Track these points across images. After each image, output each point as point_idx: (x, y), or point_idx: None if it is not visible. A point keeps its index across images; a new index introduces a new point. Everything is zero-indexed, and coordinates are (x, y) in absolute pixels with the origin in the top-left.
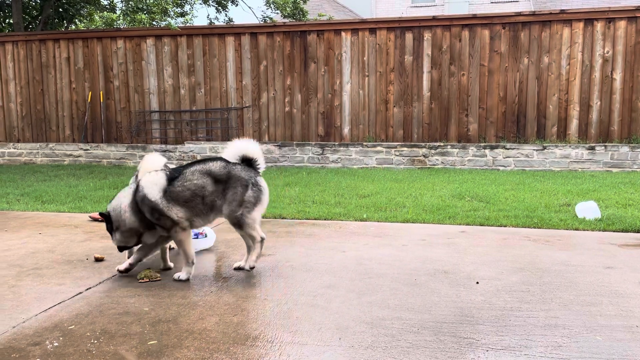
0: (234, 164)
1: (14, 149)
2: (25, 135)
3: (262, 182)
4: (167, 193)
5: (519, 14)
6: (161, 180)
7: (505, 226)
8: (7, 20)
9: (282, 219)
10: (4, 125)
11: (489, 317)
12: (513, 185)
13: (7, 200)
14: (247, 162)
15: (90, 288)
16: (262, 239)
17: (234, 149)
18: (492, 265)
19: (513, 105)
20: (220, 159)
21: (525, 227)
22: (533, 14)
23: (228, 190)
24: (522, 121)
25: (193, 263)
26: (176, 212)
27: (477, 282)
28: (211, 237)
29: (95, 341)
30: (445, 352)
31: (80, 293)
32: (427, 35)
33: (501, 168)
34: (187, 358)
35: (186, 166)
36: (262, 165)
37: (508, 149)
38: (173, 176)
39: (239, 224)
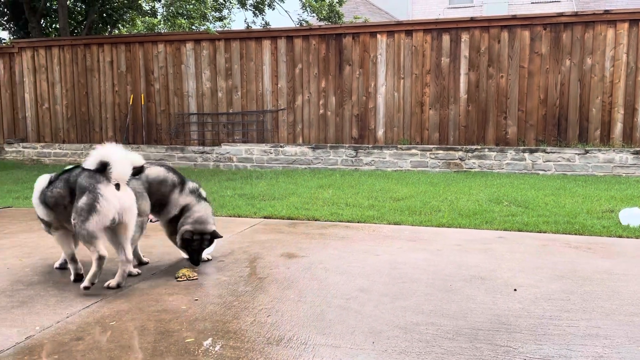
0: (88, 171)
1: (60, 149)
2: (70, 136)
3: (102, 189)
4: (43, 195)
5: (560, 15)
6: (44, 182)
7: (544, 232)
8: (54, 25)
9: (315, 220)
10: (50, 127)
11: (527, 325)
12: (553, 190)
13: None
14: (105, 168)
15: (131, 285)
16: (101, 257)
17: (93, 157)
18: (531, 272)
19: (554, 108)
20: (80, 167)
21: (565, 234)
22: (576, 14)
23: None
24: (564, 124)
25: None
26: (46, 214)
27: (515, 289)
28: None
29: (136, 337)
30: (481, 359)
31: (121, 290)
32: (464, 37)
33: (541, 172)
34: (222, 356)
35: (64, 173)
36: (114, 171)
37: (548, 152)
38: (52, 180)
39: (76, 234)
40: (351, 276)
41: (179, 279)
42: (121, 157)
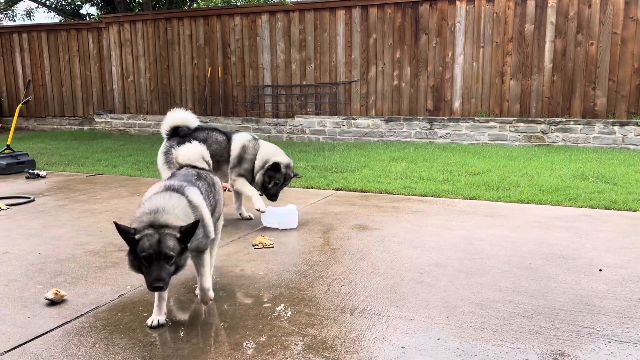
0: None
1: (144, 120)
2: (153, 107)
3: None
4: None
5: None
6: None
7: (634, 211)
8: (137, 0)
9: (388, 194)
10: (134, 99)
11: (612, 307)
12: None
13: (138, 168)
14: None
15: None
16: None
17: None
18: (618, 252)
19: None
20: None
21: None
22: None
23: None
24: None
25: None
26: None
27: (600, 270)
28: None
29: (217, 301)
30: (561, 340)
31: None
32: (551, 2)
33: (632, 147)
34: (298, 322)
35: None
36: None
37: None
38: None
39: None
40: (425, 250)
41: (256, 247)
42: None
